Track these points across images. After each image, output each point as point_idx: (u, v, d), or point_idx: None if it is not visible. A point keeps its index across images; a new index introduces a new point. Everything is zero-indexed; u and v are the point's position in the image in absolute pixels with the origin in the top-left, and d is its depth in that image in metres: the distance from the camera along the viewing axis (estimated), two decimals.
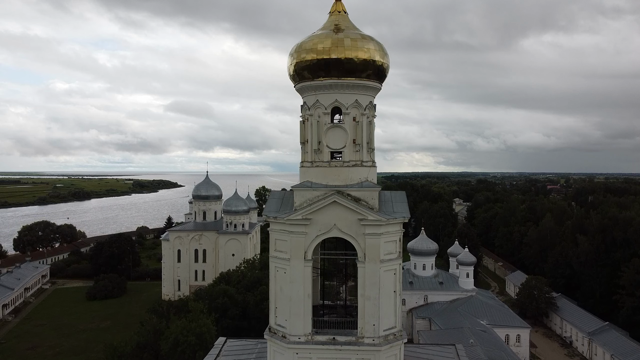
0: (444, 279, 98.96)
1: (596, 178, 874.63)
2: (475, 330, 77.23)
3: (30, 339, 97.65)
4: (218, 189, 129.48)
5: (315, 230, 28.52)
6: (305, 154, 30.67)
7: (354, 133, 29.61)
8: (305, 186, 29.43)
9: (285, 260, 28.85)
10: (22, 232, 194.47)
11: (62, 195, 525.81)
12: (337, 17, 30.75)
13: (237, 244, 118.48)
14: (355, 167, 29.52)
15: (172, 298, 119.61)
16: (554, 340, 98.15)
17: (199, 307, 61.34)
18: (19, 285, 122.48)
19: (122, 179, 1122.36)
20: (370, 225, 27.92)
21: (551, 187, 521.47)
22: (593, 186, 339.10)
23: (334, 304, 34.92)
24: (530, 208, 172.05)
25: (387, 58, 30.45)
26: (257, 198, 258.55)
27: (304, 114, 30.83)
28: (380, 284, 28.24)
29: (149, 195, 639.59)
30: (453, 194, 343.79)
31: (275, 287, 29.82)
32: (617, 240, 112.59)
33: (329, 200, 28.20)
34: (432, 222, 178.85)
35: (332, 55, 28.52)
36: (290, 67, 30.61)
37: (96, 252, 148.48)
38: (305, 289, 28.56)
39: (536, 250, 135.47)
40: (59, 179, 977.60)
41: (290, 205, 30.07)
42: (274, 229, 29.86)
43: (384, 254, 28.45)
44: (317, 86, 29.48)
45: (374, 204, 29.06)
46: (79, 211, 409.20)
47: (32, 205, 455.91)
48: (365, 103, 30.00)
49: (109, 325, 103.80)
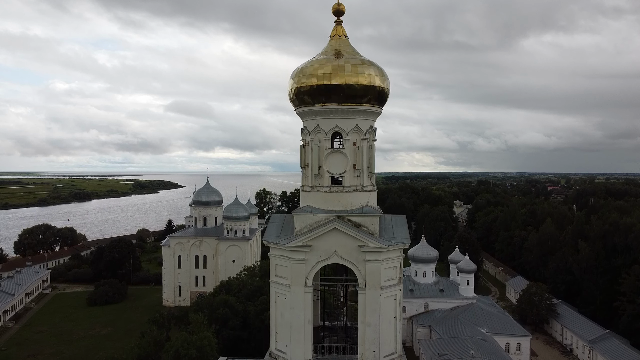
0: (445, 286, 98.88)
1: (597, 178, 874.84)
2: (475, 340, 77.14)
3: (30, 346, 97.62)
4: (218, 194, 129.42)
5: (316, 256, 28.52)
6: (305, 178, 30.67)
7: (354, 158, 29.61)
8: (306, 211, 29.42)
9: (286, 286, 28.84)
10: (22, 235, 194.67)
11: (62, 196, 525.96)
12: (337, 42, 30.75)
13: (238, 250, 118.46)
14: (356, 192, 29.51)
15: (172, 304, 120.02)
16: (555, 348, 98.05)
17: (200, 318, 61.31)
18: (20, 291, 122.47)
19: (123, 179, 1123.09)
20: (371, 252, 27.91)
21: (552, 188, 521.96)
22: (594, 188, 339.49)
23: (334, 324, 34.96)
24: (530, 212, 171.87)
25: (387, 82, 30.44)
26: (258, 200, 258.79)
27: (304, 138, 30.82)
28: (380, 310, 28.23)
29: (150, 196, 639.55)
30: (453, 195, 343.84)
31: (275, 313, 29.83)
32: (617, 246, 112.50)
33: (330, 227, 28.20)
34: (433, 225, 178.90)
35: (332, 81, 28.51)
36: (290, 91, 30.61)
37: (97, 257, 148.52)
38: (306, 315, 28.54)
39: (537, 255, 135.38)
40: (60, 180, 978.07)
41: (291, 230, 30.06)
42: (274, 254, 29.85)
43: (385, 280, 28.45)
44: (318, 111, 29.47)
45: (375, 229, 29.07)
46: (80, 212, 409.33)
47: (32, 206, 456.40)
48: (366, 128, 29.99)
49: (109, 332, 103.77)
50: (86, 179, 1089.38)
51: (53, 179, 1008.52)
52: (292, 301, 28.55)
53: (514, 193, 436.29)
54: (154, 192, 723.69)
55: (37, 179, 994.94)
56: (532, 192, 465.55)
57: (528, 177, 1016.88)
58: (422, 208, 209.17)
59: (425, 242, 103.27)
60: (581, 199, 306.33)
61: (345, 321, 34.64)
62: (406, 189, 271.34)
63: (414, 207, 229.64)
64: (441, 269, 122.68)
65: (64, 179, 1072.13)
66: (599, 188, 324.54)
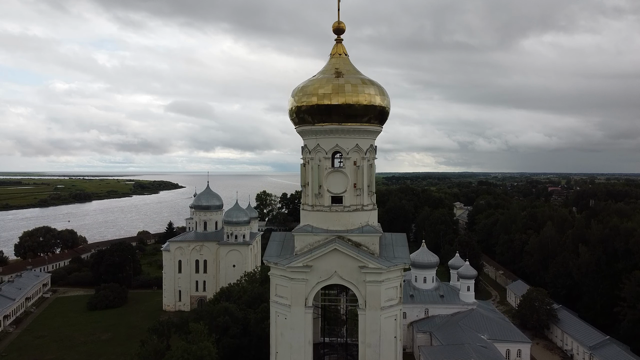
0: (445, 292, 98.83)
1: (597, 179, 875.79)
2: (476, 347, 77.18)
3: (31, 351, 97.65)
4: (219, 198, 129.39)
5: (316, 277, 28.48)
6: (305, 197, 30.62)
7: (354, 177, 29.56)
8: (306, 231, 29.38)
9: (286, 306, 28.80)
10: (23, 237, 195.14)
11: (63, 197, 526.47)
12: (337, 60, 30.71)
13: (238, 255, 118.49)
14: (356, 211, 29.46)
15: (172, 309, 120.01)
16: (555, 353, 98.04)
17: (200, 328, 61.31)
18: (20, 296, 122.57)
19: (123, 179, 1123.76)
20: (371, 273, 27.87)
21: (552, 189, 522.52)
22: (594, 189, 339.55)
23: (334, 341, 34.90)
24: (531, 215, 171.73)
25: (387, 101, 30.39)
26: (258, 202, 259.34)
27: (304, 156, 30.78)
28: (380, 331, 28.17)
29: (150, 197, 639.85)
30: (454, 197, 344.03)
31: (275, 332, 29.79)
32: (618, 251, 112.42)
33: (330, 247, 28.16)
34: (433, 229, 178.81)
35: (333, 101, 28.46)
36: (291, 109, 30.59)
37: (97, 260, 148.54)
38: (306, 335, 28.50)
39: (537, 259, 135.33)
40: (60, 180, 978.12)
41: (291, 249, 30.04)
42: (274, 274, 29.79)
43: (385, 300, 28.38)
44: (318, 131, 29.42)
45: (375, 249, 29.03)
46: (80, 214, 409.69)
47: (33, 207, 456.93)
48: (366, 147, 29.95)
49: (109, 338, 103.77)
50: (86, 179, 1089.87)
51: (53, 179, 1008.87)
52: (293, 322, 28.51)
53: (514, 194, 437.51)
54: (155, 193, 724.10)
55: (37, 179, 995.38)
56: (533, 192, 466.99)
57: (529, 177, 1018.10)
58: (423, 210, 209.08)
59: (425, 248, 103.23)
60: (582, 200, 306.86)
61: (345, 338, 34.59)
62: (407, 190, 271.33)
63: (415, 210, 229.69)
64: (441, 272, 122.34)
65: (64, 179, 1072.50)
66: (600, 189, 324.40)
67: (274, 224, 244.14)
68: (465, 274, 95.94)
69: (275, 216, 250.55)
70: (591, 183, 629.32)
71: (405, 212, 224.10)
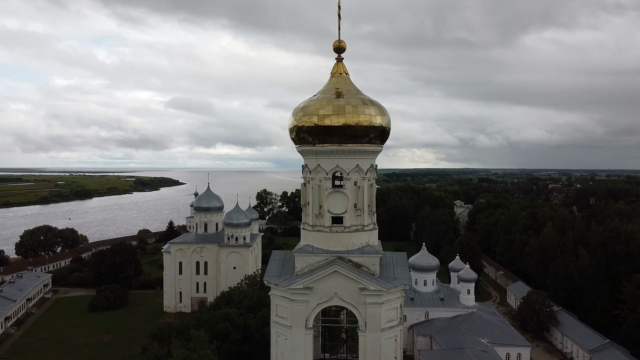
0: (445, 294, 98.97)
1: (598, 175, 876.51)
2: (476, 352, 77.31)
3: (32, 354, 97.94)
4: (219, 200, 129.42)
5: (317, 298, 28.54)
6: (306, 216, 30.63)
7: (355, 197, 29.56)
8: (307, 251, 29.41)
9: (287, 327, 28.88)
10: (24, 236, 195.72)
11: (63, 195, 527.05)
12: (338, 80, 30.65)
13: (239, 257, 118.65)
14: (357, 232, 29.46)
15: (173, 310, 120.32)
16: (555, 356, 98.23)
17: (200, 335, 61.48)
18: (21, 297, 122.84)
19: (124, 175, 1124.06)
20: (372, 295, 27.93)
21: (553, 187, 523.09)
22: (595, 187, 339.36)
23: (335, 357, 34.95)
24: (531, 215, 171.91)
25: (388, 120, 30.33)
26: (259, 201, 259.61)
27: (305, 176, 30.78)
28: (381, 352, 28.26)
29: (151, 194, 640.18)
30: (454, 195, 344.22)
31: (276, 352, 29.86)
32: (618, 253, 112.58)
33: (330, 270, 28.19)
34: (434, 229, 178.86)
35: (333, 122, 28.42)
36: (291, 129, 30.59)
37: (98, 261, 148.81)
38: (307, 356, 28.55)
39: (537, 260, 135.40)
40: (61, 177, 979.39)
41: (292, 268, 30.08)
42: (274, 294, 29.84)
43: (385, 322, 28.44)
44: (319, 151, 29.40)
45: (375, 269, 29.08)
46: (80, 211, 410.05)
47: (34, 204, 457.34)
48: (367, 167, 29.93)
49: (110, 340, 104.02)
50: (87, 175, 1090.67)
51: (54, 176, 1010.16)
52: (293, 343, 28.57)
53: (514, 192, 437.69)
54: (155, 190, 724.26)
55: (38, 176, 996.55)
56: (533, 190, 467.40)
57: (529, 173, 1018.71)
58: (423, 210, 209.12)
59: (425, 251, 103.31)
60: (582, 198, 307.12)
61: (346, 354, 34.64)
62: (407, 189, 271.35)
63: (415, 209, 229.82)
64: (442, 272, 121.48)
65: (65, 175, 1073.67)
66: (600, 187, 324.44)
67: (275, 222, 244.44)
68: (466, 277, 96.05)
69: (275, 215, 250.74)
70: (592, 180, 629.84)
71: (405, 211, 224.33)
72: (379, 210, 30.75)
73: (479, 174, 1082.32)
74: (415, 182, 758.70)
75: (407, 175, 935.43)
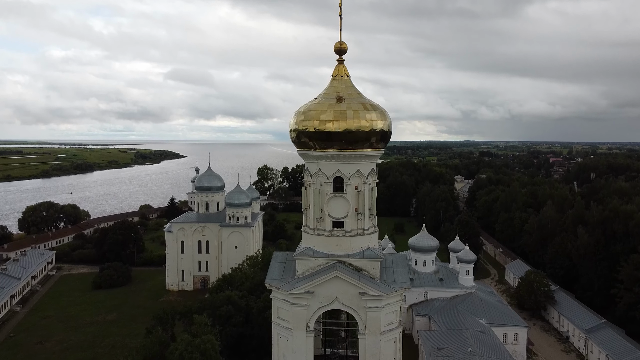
0: (444, 275, 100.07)
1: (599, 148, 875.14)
2: (474, 333, 78.65)
3: (38, 332, 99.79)
4: (220, 179, 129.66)
5: (317, 302, 29.01)
6: (307, 219, 30.87)
7: (355, 202, 29.74)
8: (308, 255, 29.75)
9: (288, 329, 29.45)
10: (26, 212, 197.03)
11: (64, 168, 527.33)
12: (339, 83, 30.43)
13: (240, 237, 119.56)
14: (357, 236, 29.75)
15: (176, 288, 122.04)
16: (551, 335, 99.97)
17: (203, 320, 62.60)
18: (26, 275, 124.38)
19: (124, 148, 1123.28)
20: (372, 300, 28.39)
21: (554, 160, 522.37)
22: (595, 162, 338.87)
23: (335, 353, 35.69)
24: (531, 193, 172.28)
25: (388, 123, 30.25)
26: (260, 177, 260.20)
27: (305, 179, 30.89)
28: (380, 354, 28.90)
29: (152, 167, 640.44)
30: (455, 169, 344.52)
31: (278, 353, 30.54)
32: (617, 233, 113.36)
33: (331, 275, 28.58)
34: (434, 206, 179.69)
35: (334, 127, 28.35)
36: (292, 133, 30.55)
37: (101, 239, 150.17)
38: (308, 358, 29.25)
39: (536, 238, 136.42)
40: (61, 149, 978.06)
41: (293, 271, 30.49)
42: (276, 297, 30.31)
43: (385, 324, 29.00)
44: (320, 156, 29.44)
45: (375, 273, 29.48)
46: (81, 185, 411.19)
47: (35, 178, 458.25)
48: (367, 171, 30.02)
49: (115, 318, 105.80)
50: (87, 148, 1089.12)
51: (54, 149, 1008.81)
52: (294, 345, 29.19)
53: (515, 166, 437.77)
54: (156, 163, 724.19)
55: (38, 149, 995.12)
56: (534, 164, 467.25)
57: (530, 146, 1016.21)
58: (424, 186, 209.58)
59: (425, 232, 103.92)
60: (583, 174, 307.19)
61: (346, 350, 35.36)
62: (408, 165, 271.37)
63: (415, 185, 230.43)
64: (442, 250, 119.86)
65: (65, 148, 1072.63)
66: (601, 162, 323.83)
67: (276, 198, 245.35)
68: (465, 259, 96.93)
69: (276, 191, 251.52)
70: (593, 153, 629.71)
71: (406, 187, 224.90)
72: (380, 186, 31.11)
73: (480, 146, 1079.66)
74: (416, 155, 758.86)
75: (407, 149, 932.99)
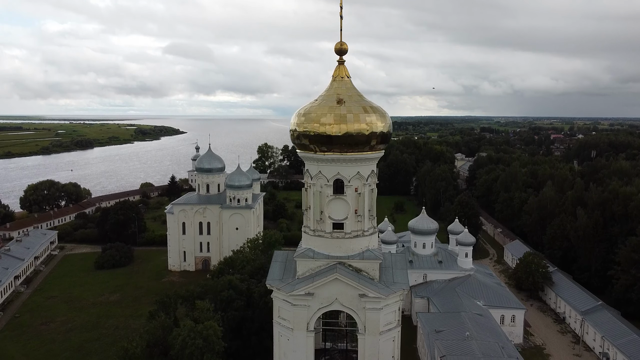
0: (444, 257, 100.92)
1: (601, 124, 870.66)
2: (471, 316, 79.81)
3: (42, 313, 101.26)
4: (221, 161, 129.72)
5: (318, 303, 29.54)
6: (307, 220, 31.18)
7: (355, 203, 29.98)
8: (308, 256, 30.15)
9: (289, 329, 30.05)
10: (27, 190, 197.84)
11: (65, 145, 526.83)
12: (339, 85, 30.34)
13: (241, 218, 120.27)
14: (357, 237, 30.09)
15: (178, 269, 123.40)
16: (548, 316, 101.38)
17: (205, 306, 63.57)
18: (29, 255, 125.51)
19: (124, 124, 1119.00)
20: (371, 301, 28.88)
21: (555, 137, 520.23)
22: (596, 139, 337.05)
23: (335, 347, 36.40)
24: (531, 172, 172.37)
25: (388, 124, 30.27)
26: (260, 155, 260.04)
27: (306, 180, 31.08)
28: (379, 353, 29.57)
29: (152, 144, 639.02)
30: (455, 146, 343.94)
31: (279, 352, 31.24)
32: (616, 215, 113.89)
33: (331, 277, 29.01)
34: (434, 185, 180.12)
35: (334, 131, 28.39)
36: (293, 135, 30.59)
37: (102, 218, 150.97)
38: (308, 357, 29.93)
39: (535, 219, 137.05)
40: (61, 125, 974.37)
41: (293, 271, 30.94)
42: (277, 297, 30.84)
43: (384, 325, 29.59)
44: (320, 159, 29.54)
45: (375, 274, 29.94)
46: (82, 162, 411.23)
47: (35, 155, 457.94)
48: (367, 173, 30.17)
49: (118, 299, 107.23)
50: (87, 124, 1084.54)
51: (54, 124, 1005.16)
52: (295, 344, 29.84)
53: (516, 142, 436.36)
54: (156, 139, 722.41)
55: (37, 124, 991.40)
56: (535, 141, 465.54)
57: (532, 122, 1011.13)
58: (424, 165, 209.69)
59: (425, 215, 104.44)
60: (583, 151, 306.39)
61: (346, 344, 36.07)
62: (408, 143, 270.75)
63: (416, 163, 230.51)
64: (441, 230, 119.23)
65: (65, 123, 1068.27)
66: (602, 140, 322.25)
67: (276, 177, 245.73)
68: (464, 242, 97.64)
69: (277, 169, 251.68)
70: (594, 130, 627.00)
71: (406, 165, 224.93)
72: (380, 164, 31.09)
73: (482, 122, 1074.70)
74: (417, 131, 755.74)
75: (408, 124, 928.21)
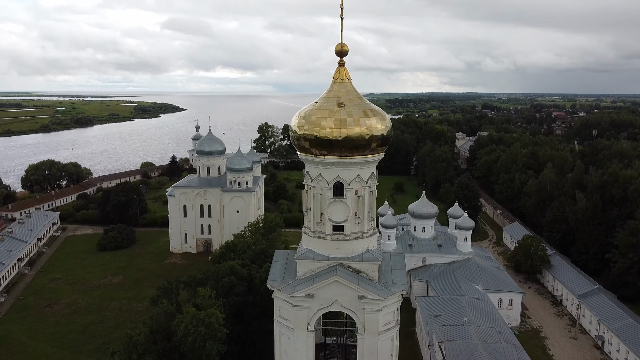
0: (443, 241, 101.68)
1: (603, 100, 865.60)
2: (470, 300, 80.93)
3: (46, 295, 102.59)
4: (221, 143, 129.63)
5: (318, 304, 30.14)
6: (307, 221, 31.56)
7: (355, 206, 30.32)
8: (308, 257, 30.64)
9: (289, 329, 30.71)
10: (28, 170, 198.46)
11: (64, 122, 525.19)
12: (340, 87, 30.34)
13: (242, 201, 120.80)
14: (357, 239, 30.53)
15: (179, 251, 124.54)
16: (545, 298, 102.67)
17: (207, 292, 64.45)
18: (32, 237, 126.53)
19: (124, 100, 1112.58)
20: (370, 302, 29.43)
21: (556, 115, 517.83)
22: (598, 118, 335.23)
23: (334, 342, 37.21)
24: (532, 154, 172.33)
25: (388, 127, 30.40)
26: (260, 134, 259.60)
27: (306, 182, 31.33)
28: (378, 353, 30.27)
29: (151, 122, 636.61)
30: (456, 125, 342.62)
31: (280, 350, 31.98)
32: (615, 198, 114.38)
33: (331, 279, 29.52)
34: (434, 166, 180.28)
35: (334, 135, 28.57)
36: (293, 136, 30.71)
37: (104, 200, 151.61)
38: (308, 356, 30.66)
39: (535, 201, 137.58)
40: (60, 102, 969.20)
41: (294, 271, 31.47)
42: (278, 297, 31.45)
43: (382, 325, 30.25)
44: (320, 162, 29.75)
45: (374, 275, 30.47)
46: (81, 140, 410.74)
47: (35, 132, 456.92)
48: (367, 175, 30.43)
49: (120, 281, 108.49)
50: (86, 101, 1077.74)
51: (53, 101, 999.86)
52: (295, 343, 30.53)
53: (517, 120, 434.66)
54: (156, 117, 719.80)
55: (36, 101, 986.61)
56: (536, 119, 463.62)
57: (534, 99, 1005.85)
58: (425, 145, 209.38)
59: (425, 199, 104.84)
60: (585, 130, 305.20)
61: (345, 339, 36.86)
62: (409, 123, 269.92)
63: (416, 143, 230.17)
64: (441, 212, 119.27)
65: (64, 100, 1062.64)
66: (604, 119, 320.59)
67: (277, 156, 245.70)
68: (463, 226, 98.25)
69: (277, 149, 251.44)
70: (596, 107, 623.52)
71: (406, 145, 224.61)
72: None
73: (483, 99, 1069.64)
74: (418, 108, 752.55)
75: (409, 101, 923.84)
